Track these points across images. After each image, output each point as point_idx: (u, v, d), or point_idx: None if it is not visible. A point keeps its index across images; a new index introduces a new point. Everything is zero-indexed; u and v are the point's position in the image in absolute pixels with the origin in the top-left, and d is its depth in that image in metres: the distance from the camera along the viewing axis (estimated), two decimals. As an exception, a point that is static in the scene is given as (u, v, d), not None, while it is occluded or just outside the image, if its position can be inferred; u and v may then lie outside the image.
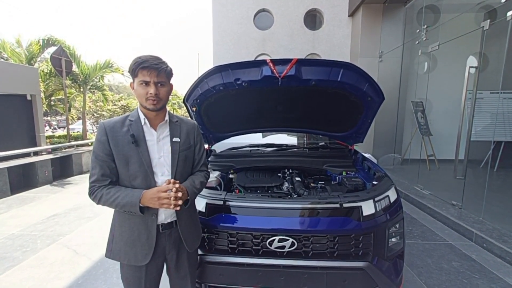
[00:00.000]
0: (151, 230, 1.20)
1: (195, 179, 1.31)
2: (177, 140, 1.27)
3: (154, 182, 1.18)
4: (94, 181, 1.15)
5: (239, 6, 7.22)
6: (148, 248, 1.20)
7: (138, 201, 1.09)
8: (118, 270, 2.42)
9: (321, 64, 1.81)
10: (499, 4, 3.28)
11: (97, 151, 1.15)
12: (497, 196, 4.05)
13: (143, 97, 1.14)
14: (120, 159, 1.15)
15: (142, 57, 1.12)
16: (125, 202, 1.10)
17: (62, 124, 19.55)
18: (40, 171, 5.50)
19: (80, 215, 3.87)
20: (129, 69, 1.15)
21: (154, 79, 1.12)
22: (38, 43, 8.00)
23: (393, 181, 1.82)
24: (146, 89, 1.13)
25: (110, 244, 1.25)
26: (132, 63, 1.13)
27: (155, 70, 1.11)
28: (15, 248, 2.91)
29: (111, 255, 1.25)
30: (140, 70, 1.11)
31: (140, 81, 1.13)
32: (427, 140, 5.91)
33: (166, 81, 1.18)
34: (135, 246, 1.20)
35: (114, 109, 10.54)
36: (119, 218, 1.23)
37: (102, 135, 1.15)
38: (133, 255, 1.20)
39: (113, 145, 1.15)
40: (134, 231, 1.20)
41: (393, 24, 6.17)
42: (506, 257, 2.60)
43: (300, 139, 3.31)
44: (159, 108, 1.17)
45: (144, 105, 1.17)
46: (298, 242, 1.47)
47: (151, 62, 1.11)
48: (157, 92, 1.14)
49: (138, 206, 1.10)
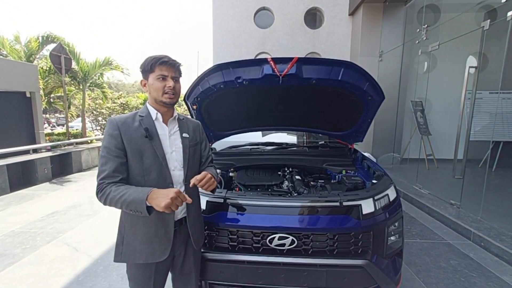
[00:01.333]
0: (169, 223, 1.20)
1: (213, 169, 1.36)
2: (187, 135, 1.30)
3: (170, 176, 1.20)
4: (104, 177, 1.09)
5: (239, 5, 7.20)
6: (167, 242, 1.20)
7: (145, 197, 1.03)
8: (118, 268, 2.45)
9: (322, 63, 1.81)
10: (499, 4, 3.28)
11: (110, 145, 1.12)
12: (495, 196, 4.07)
13: (160, 91, 1.17)
14: (133, 153, 1.14)
15: (159, 55, 1.18)
16: (132, 198, 1.04)
17: (61, 121, 19.48)
18: (39, 169, 5.48)
19: (80, 212, 3.87)
20: (144, 66, 1.18)
21: (172, 73, 1.18)
22: (37, 40, 7.95)
23: (392, 180, 1.83)
24: (163, 83, 1.17)
25: (120, 246, 1.20)
26: (149, 59, 1.17)
27: (173, 66, 1.18)
28: (15, 245, 2.91)
29: (121, 258, 1.20)
30: (158, 65, 1.16)
31: (158, 76, 1.16)
32: (426, 140, 5.93)
33: (179, 77, 1.23)
34: (153, 242, 1.18)
35: (113, 107, 10.49)
36: (130, 217, 1.19)
37: (115, 130, 1.14)
38: (151, 252, 1.18)
39: (126, 140, 1.14)
40: (151, 227, 1.18)
41: (394, 23, 6.17)
42: (504, 256, 2.62)
43: (300, 138, 3.32)
44: (175, 102, 1.21)
45: (160, 99, 1.19)
46: (298, 240, 1.48)
47: (169, 58, 1.18)
48: (174, 85, 1.19)
49: (145, 203, 1.02)
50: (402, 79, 6.15)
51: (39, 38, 7.97)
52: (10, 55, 7.72)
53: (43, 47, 8.22)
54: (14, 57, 7.69)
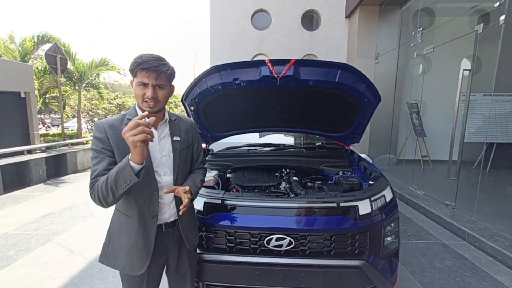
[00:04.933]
0: (150, 234, 1.16)
1: (196, 178, 1.31)
2: (178, 139, 1.25)
3: (156, 182, 1.16)
4: (95, 176, 1.05)
5: (236, 6, 7.22)
6: (145, 256, 1.16)
7: (127, 160, 0.97)
8: (114, 270, 2.41)
9: (319, 65, 1.82)
10: (492, 8, 3.34)
11: (97, 147, 1.09)
12: (489, 197, 4.14)
13: (140, 98, 1.10)
14: (121, 156, 1.09)
15: (143, 57, 1.06)
16: (115, 171, 0.98)
17: (56, 122, 19.26)
18: (34, 170, 5.42)
19: (75, 214, 3.83)
20: (129, 67, 1.11)
21: (153, 81, 1.07)
22: (33, 40, 7.87)
23: (388, 181, 1.84)
24: (143, 91, 1.08)
25: (106, 248, 1.20)
26: (132, 62, 1.08)
27: (154, 72, 1.06)
28: (8, 248, 2.87)
29: (105, 261, 1.19)
30: (139, 71, 1.06)
31: (138, 82, 1.08)
32: (421, 141, 5.99)
33: (166, 83, 1.12)
34: (132, 253, 1.15)
35: (109, 107, 10.40)
36: (118, 220, 1.19)
37: (101, 133, 1.10)
38: (129, 264, 1.15)
39: (113, 142, 1.10)
40: (131, 236, 1.15)
41: (389, 26, 6.24)
42: (497, 256, 2.66)
43: (297, 139, 3.33)
44: (156, 111, 1.12)
45: (140, 107, 1.14)
46: (296, 241, 1.48)
47: (151, 64, 1.05)
48: (155, 95, 1.08)
49: (129, 165, 0.96)
50: (398, 81, 6.21)
51: (34, 38, 7.89)
52: (5, 54, 7.63)
53: (38, 47, 8.14)
54: (9, 57, 7.60)
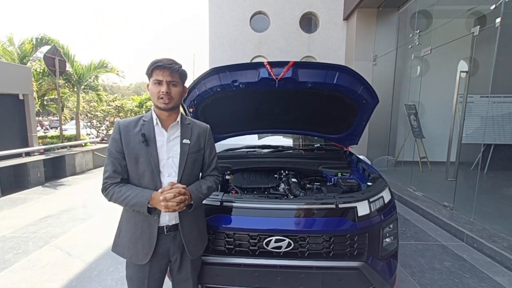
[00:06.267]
0: (152, 230, 1.22)
1: (202, 183, 1.31)
2: (187, 142, 1.28)
3: (160, 182, 1.21)
4: (107, 177, 1.19)
5: (235, 8, 7.25)
6: (149, 247, 1.22)
7: (146, 202, 1.13)
8: (113, 272, 2.42)
9: (317, 67, 1.84)
10: (488, 11, 3.38)
11: (111, 148, 1.21)
12: (487, 198, 4.15)
13: (155, 96, 1.19)
14: (130, 157, 1.20)
15: (158, 59, 1.19)
16: (134, 202, 1.14)
17: (54, 124, 19.20)
18: (32, 172, 5.40)
19: (73, 216, 3.81)
20: (146, 70, 1.21)
21: (167, 78, 1.17)
22: (31, 42, 7.88)
23: (387, 182, 1.85)
24: (158, 88, 1.18)
25: (117, 238, 1.29)
26: (150, 63, 1.19)
27: (168, 70, 1.16)
28: (6, 251, 2.85)
29: (116, 249, 1.28)
30: (154, 70, 1.17)
31: (154, 80, 1.18)
32: (419, 143, 6.02)
33: (179, 81, 1.22)
34: (137, 244, 1.23)
35: (108, 109, 10.39)
36: (126, 214, 1.27)
37: (116, 134, 1.21)
38: (135, 253, 1.23)
39: (125, 144, 1.20)
40: (138, 228, 1.23)
41: (387, 28, 6.29)
42: (496, 257, 2.67)
43: (296, 141, 3.34)
44: (170, 107, 1.20)
45: (156, 104, 1.21)
46: (295, 242, 1.48)
47: (165, 62, 1.17)
48: (169, 90, 1.18)
49: (146, 207, 1.14)
50: (396, 82, 6.25)
51: (33, 40, 7.89)
52: (3, 56, 7.62)
53: (37, 49, 8.15)
54: (7, 59, 7.60)
